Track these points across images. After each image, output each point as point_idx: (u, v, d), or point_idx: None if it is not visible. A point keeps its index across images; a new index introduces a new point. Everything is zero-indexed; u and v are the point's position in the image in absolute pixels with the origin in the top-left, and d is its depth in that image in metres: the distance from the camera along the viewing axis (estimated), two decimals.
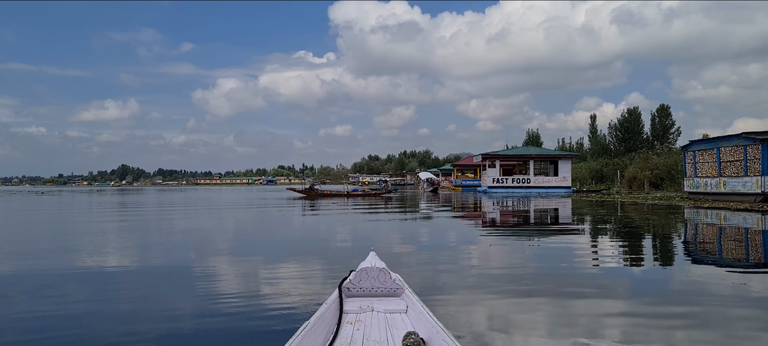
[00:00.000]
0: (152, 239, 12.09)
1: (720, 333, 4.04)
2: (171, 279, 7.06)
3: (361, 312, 3.38)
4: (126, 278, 7.14)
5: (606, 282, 6.33)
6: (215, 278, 6.93)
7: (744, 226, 12.71)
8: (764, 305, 4.93)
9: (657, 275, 7.10)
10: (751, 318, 4.46)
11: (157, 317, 4.88)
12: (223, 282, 6.70)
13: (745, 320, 4.36)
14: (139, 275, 7.56)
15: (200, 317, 4.79)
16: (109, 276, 7.25)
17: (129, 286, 6.65)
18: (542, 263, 7.86)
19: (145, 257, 9.35)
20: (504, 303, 5.12)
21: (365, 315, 3.33)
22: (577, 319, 4.50)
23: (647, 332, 3.99)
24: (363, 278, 3.75)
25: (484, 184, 41.56)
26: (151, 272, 7.61)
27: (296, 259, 8.41)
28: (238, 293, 5.92)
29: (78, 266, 8.08)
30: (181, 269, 7.98)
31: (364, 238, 11.47)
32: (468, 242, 10.72)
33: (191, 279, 6.91)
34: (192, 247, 10.61)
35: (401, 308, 3.45)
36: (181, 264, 8.47)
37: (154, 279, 7.09)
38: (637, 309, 4.85)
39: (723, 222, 13.77)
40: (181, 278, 7.07)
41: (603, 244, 10.31)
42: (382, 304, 3.52)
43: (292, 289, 5.91)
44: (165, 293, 6.10)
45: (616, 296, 5.56)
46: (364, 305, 3.50)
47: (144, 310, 5.20)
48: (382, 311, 3.41)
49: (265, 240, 11.82)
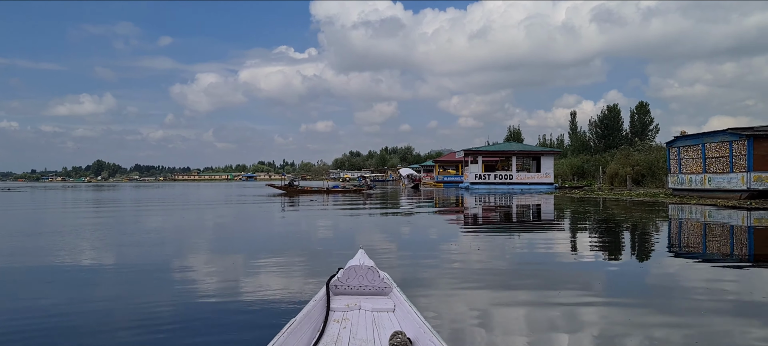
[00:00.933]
0: (127, 238, 11.67)
1: (694, 328, 4.12)
2: (150, 276, 6.88)
3: (348, 310, 3.36)
4: (101, 276, 7.02)
5: (589, 279, 6.30)
6: (196, 275, 6.83)
7: (730, 223, 12.69)
8: (744, 303, 4.95)
9: (643, 270, 7.17)
10: (727, 312, 4.56)
11: (136, 314, 4.80)
12: (204, 279, 6.57)
13: (721, 315, 4.44)
14: (114, 272, 7.41)
15: (182, 314, 4.74)
16: (84, 273, 7.09)
17: (104, 283, 6.53)
18: (526, 262, 7.79)
19: (121, 254, 9.09)
20: (485, 300, 5.12)
21: (352, 313, 3.32)
22: (562, 319, 4.45)
23: (627, 329, 4.03)
24: (351, 275, 3.73)
25: (466, 180, 41.29)
26: (127, 270, 7.43)
27: (277, 256, 8.32)
28: (221, 289, 5.85)
29: (47, 263, 7.96)
30: (160, 266, 7.79)
31: (343, 235, 11.39)
32: (449, 239, 10.54)
33: (170, 276, 6.81)
34: (170, 244, 10.39)
35: (389, 307, 3.43)
36: (159, 261, 8.26)
37: (132, 276, 6.92)
38: (618, 304, 4.95)
39: (708, 218, 13.79)
40: (160, 276, 6.93)
41: (591, 242, 10.06)
42: (370, 302, 3.51)
43: (275, 285, 5.88)
44: (144, 290, 5.92)
45: (597, 292, 5.61)
46: (351, 303, 3.48)
47: (121, 308, 5.14)
48: (369, 309, 3.39)
49: (245, 237, 11.61)
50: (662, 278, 6.35)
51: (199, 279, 6.53)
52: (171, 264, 7.84)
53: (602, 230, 11.89)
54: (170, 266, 7.66)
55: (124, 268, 7.63)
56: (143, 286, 6.16)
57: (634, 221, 13.53)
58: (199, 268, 7.40)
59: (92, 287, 6.36)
